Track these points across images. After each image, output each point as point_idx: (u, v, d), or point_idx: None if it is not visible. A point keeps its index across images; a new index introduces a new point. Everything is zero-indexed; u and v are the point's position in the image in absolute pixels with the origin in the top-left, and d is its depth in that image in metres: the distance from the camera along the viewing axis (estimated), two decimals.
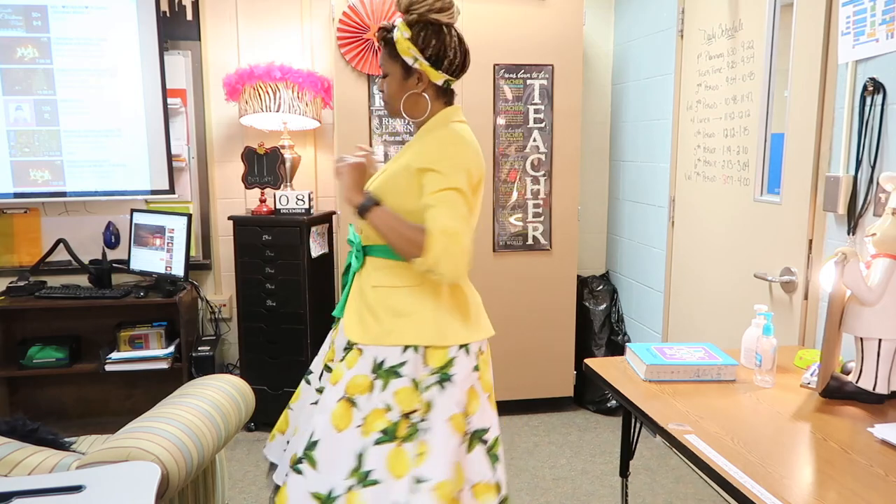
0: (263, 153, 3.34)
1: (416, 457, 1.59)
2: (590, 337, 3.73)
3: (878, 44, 1.92)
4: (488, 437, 1.70)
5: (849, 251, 1.62)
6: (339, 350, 1.73)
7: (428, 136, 1.69)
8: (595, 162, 3.93)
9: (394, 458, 1.58)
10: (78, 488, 1.34)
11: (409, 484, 1.56)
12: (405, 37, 1.64)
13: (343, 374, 1.64)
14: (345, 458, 1.58)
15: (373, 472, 1.57)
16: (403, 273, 1.67)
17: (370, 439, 1.58)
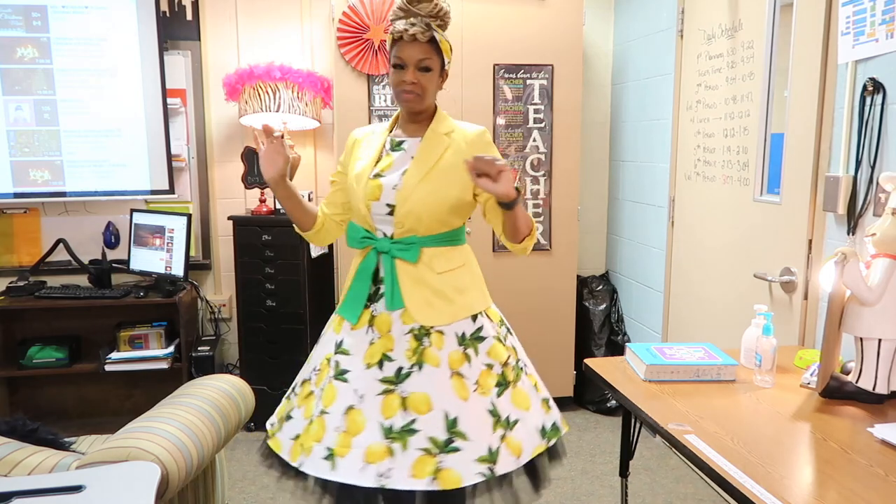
0: None
1: (532, 387, 1.88)
2: (589, 337, 3.73)
3: (878, 44, 1.92)
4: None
5: (848, 251, 1.62)
6: (402, 337, 1.79)
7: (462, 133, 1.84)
8: (595, 162, 3.93)
9: (516, 397, 1.82)
10: (78, 488, 1.34)
11: (541, 407, 1.86)
12: (445, 38, 1.80)
13: (439, 357, 1.78)
14: (484, 419, 1.76)
15: (511, 416, 1.78)
16: (453, 256, 1.85)
17: (492, 395, 1.78)
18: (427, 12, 1.76)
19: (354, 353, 1.80)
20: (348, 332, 1.83)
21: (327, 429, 1.74)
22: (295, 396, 1.94)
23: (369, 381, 1.75)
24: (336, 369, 1.80)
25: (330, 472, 1.71)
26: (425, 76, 1.77)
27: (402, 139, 1.86)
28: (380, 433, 1.70)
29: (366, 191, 1.80)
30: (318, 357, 1.91)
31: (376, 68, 3.26)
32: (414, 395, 1.72)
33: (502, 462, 1.73)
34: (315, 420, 1.77)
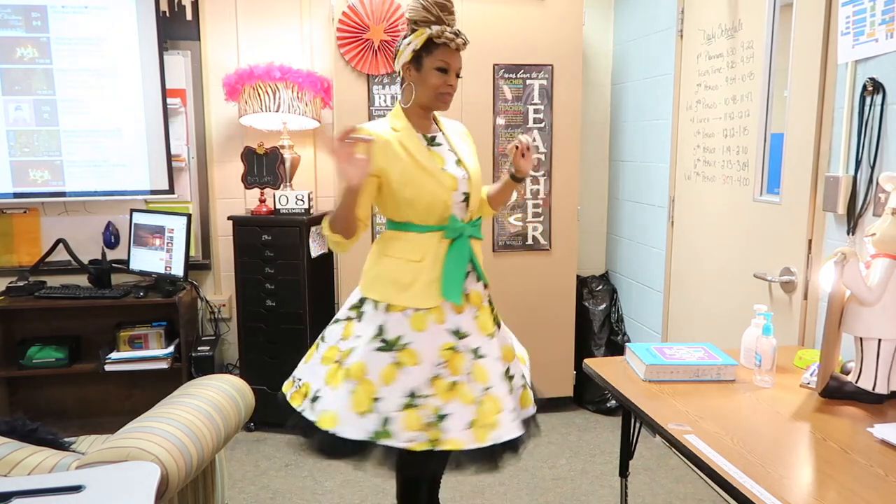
0: (263, 153, 3.33)
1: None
2: (589, 337, 3.73)
3: (878, 44, 1.92)
4: None
5: (848, 251, 1.62)
6: (486, 305, 2.02)
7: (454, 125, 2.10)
8: (595, 162, 3.93)
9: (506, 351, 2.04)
10: (77, 488, 1.34)
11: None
12: None
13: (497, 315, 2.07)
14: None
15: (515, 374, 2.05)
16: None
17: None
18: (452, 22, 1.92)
19: (472, 332, 1.93)
20: (455, 318, 1.91)
21: (502, 399, 1.90)
22: (427, 398, 1.84)
23: (495, 347, 1.96)
24: (474, 352, 1.91)
25: (511, 432, 1.91)
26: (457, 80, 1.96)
27: (433, 135, 2.00)
28: (505, 385, 1.95)
29: (447, 182, 1.91)
30: (433, 352, 1.86)
31: (376, 68, 3.26)
32: (505, 346, 2.01)
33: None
34: (485, 398, 1.87)
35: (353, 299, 1.99)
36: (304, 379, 2.01)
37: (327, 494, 2.84)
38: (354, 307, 1.97)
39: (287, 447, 3.27)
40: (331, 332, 2.01)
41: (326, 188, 3.71)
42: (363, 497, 2.82)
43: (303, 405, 1.97)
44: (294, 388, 2.03)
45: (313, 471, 3.04)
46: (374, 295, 1.92)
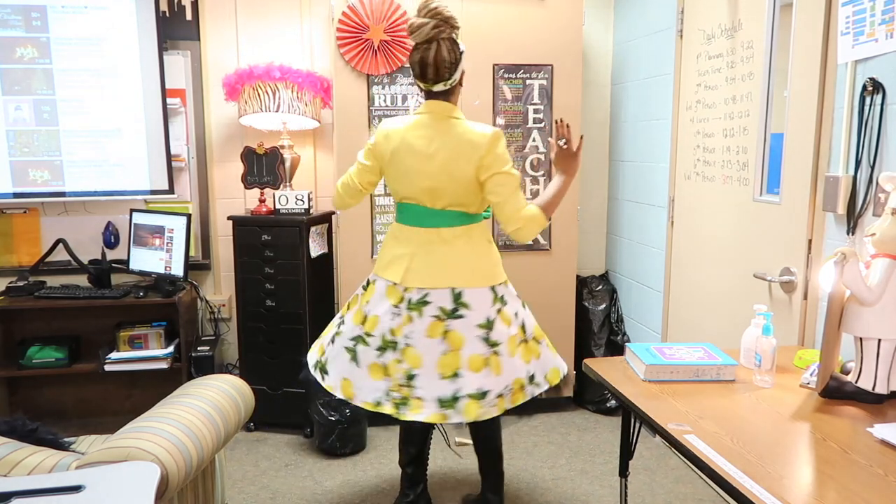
0: (263, 153, 3.33)
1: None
2: (589, 337, 3.73)
3: (878, 44, 1.92)
4: (341, 328, 2.35)
5: (848, 251, 1.62)
6: None
7: None
8: (594, 162, 3.93)
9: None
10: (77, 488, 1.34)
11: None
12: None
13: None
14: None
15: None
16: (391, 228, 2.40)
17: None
18: None
19: None
20: None
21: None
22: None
23: None
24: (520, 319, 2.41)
25: None
26: None
27: None
28: None
29: None
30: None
31: (376, 68, 3.26)
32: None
33: None
34: None
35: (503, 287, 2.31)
36: None
37: (327, 494, 2.84)
38: (511, 293, 2.36)
39: (287, 447, 3.27)
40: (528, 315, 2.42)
41: (326, 188, 3.72)
42: (363, 497, 2.82)
43: None
44: None
45: (313, 471, 3.04)
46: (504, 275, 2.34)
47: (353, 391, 2.22)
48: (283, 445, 3.28)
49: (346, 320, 2.33)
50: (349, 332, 2.29)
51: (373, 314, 2.23)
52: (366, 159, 2.32)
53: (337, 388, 2.25)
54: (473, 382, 2.12)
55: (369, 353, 2.21)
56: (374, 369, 2.20)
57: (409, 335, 2.15)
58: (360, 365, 2.22)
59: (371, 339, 2.21)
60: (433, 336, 2.14)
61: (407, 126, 2.22)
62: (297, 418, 3.35)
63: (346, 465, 3.09)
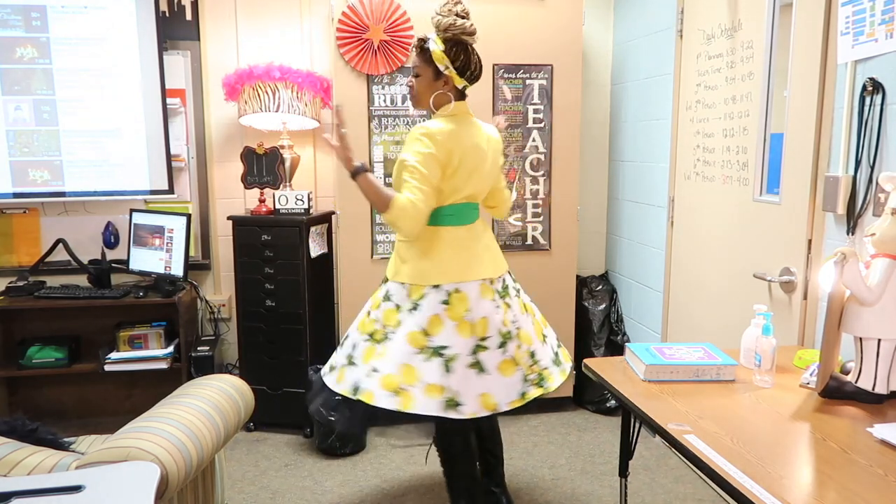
0: (263, 153, 3.33)
1: (378, 354, 2.21)
2: (589, 337, 3.73)
3: (878, 44, 1.92)
4: (447, 353, 2.17)
5: (848, 251, 1.62)
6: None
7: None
8: (594, 162, 3.93)
9: (367, 351, 2.25)
10: (77, 488, 1.34)
11: (367, 370, 2.20)
12: (440, 49, 2.14)
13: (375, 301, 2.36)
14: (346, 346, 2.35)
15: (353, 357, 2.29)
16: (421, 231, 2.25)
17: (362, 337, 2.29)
18: (435, 26, 2.16)
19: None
20: None
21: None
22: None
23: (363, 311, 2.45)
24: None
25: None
26: (416, 81, 2.24)
27: None
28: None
29: None
30: None
31: (375, 68, 3.26)
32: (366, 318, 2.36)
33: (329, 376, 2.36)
34: None
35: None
36: None
37: (327, 494, 2.84)
38: None
39: (287, 447, 3.27)
40: None
41: (326, 188, 3.72)
42: (363, 497, 2.82)
43: None
44: None
45: (313, 471, 3.04)
46: None
47: (495, 401, 2.17)
48: (283, 445, 3.28)
49: (453, 342, 2.16)
50: (464, 348, 2.16)
51: (480, 317, 2.19)
52: (432, 172, 2.12)
53: (480, 410, 2.15)
54: (550, 336, 2.46)
55: (494, 355, 2.20)
56: (504, 367, 2.20)
57: (515, 319, 2.28)
58: (489, 372, 2.18)
59: (489, 341, 2.20)
60: (524, 312, 2.35)
61: (458, 126, 2.21)
62: (296, 418, 3.35)
63: (345, 465, 3.09)
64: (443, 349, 2.15)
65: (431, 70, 2.19)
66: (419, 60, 2.20)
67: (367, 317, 2.32)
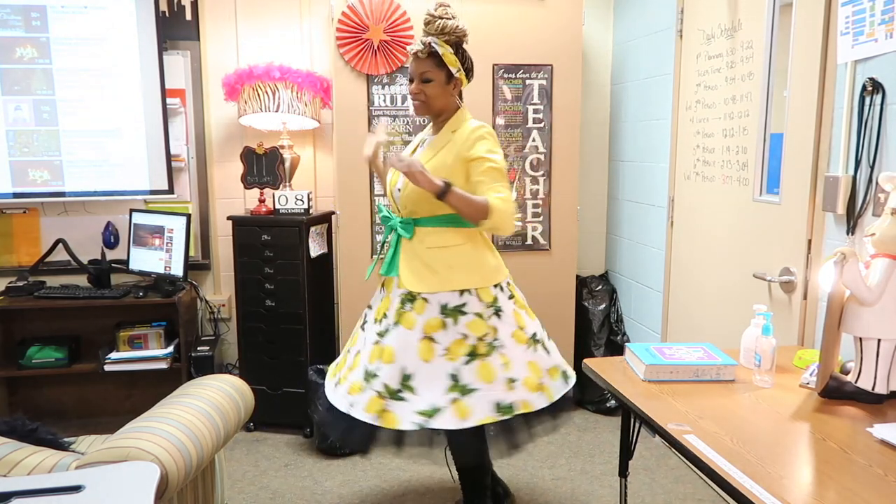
0: (262, 153, 3.33)
1: (502, 366, 2.14)
2: (589, 337, 3.73)
3: (878, 44, 1.92)
4: (539, 336, 2.28)
5: (848, 251, 1.62)
6: (396, 299, 2.19)
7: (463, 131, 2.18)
8: (594, 162, 3.93)
9: (482, 370, 2.11)
10: (77, 488, 1.34)
11: (504, 384, 2.13)
12: (450, 52, 2.15)
13: (416, 321, 2.13)
14: (440, 380, 2.10)
15: (470, 385, 2.10)
16: (450, 236, 2.18)
17: (459, 361, 2.11)
18: (434, 31, 2.15)
19: (374, 308, 2.31)
20: (377, 293, 2.34)
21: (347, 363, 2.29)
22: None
23: (371, 333, 2.23)
24: (362, 320, 2.34)
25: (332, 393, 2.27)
26: (428, 86, 2.17)
27: (428, 136, 2.29)
28: (362, 373, 2.17)
29: (390, 178, 2.27)
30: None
31: (375, 68, 3.26)
32: (387, 348, 2.15)
33: (441, 419, 2.06)
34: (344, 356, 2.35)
35: None
36: None
37: (327, 494, 2.84)
38: None
39: (287, 447, 3.27)
40: None
41: (326, 188, 3.71)
42: (363, 497, 2.82)
43: None
44: None
45: (313, 471, 3.04)
46: None
47: (552, 392, 2.28)
48: (283, 445, 3.28)
49: (533, 326, 2.29)
50: (538, 328, 2.32)
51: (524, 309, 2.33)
52: (505, 168, 2.19)
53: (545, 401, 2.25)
54: None
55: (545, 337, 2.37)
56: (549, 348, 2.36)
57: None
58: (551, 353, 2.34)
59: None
60: None
61: None
62: (296, 418, 3.35)
63: (345, 465, 3.09)
64: (535, 336, 2.29)
65: (444, 74, 2.17)
66: (430, 65, 2.15)
67: (433, 343, 2.12)
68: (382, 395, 2.11)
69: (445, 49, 2.14)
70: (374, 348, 2.18)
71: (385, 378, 2.12)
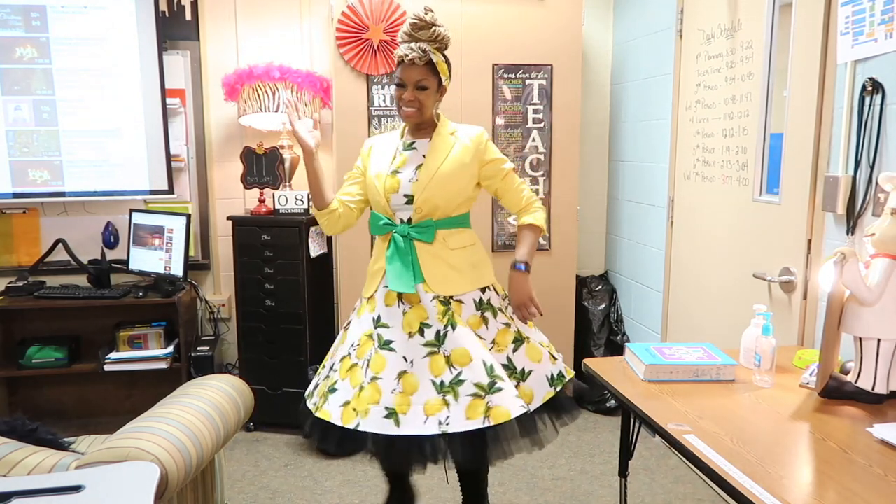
0: (262, 153, 3.33)
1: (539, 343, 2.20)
2: (589, 337, 3.73)
3: (877, 44, 1.92)
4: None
5: (848, 251, 1.62)
6: (430, 305, 2.08)
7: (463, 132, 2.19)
8: (594, 162, 3.93)
9: (531, 352, 2.17)
10: (77, 488, 1.34)
11: (549, 360, 2.20)
12: (443, 60, 2.13)
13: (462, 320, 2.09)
14: (500, 369, 2.06)
15: (525, 368, 2.14)
16: (464, 236, 2.19)
17: (508, 350, 2.13)
18: (427, 38, 2.10)
19: (393, 326, 2.09)
20: (383, 309, 2.13)
21: (383, 392, 1.99)
22: (334, 372, 2.15)
23: (414, 348, 2.05)
24: (380, 341, 2.08)
25: (395, 427, 1.96)
26: (423, 94, 2.10)
27: (413, 141, 2.20)
28: (433, 389, 2.00)
29: (385, 185, 2.13)
30: (355, 335, 2.16)
31: (375, 68, 3.26)
32: (455, 351, 2.03)
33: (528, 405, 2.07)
34: (367, 386, 2.02)
35: None
36: None
37: (327, 494, 2.84)
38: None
39: (286, 447, 3.27)
40: None
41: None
42: (363, 497, 2.82)
43: None
44: None
45: (313, 471, 3.04)
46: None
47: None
48: (283, 445, 3.28)
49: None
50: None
51: None
52: None
53: None
54: None
55: None
56: None
57: None
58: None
59: None
60: None
61: None
62: (296, 418, 3.33)
63: (345, 465, 3.09)
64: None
65: (436, 81, 2.12)
66: (426, 72, 2.10)
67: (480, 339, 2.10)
68: (480, 395, 1.98)
69: (439, 57, 2.11)
70: (434, 359, 2.03)
71: (473, 378, 2.00)
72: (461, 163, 2.13)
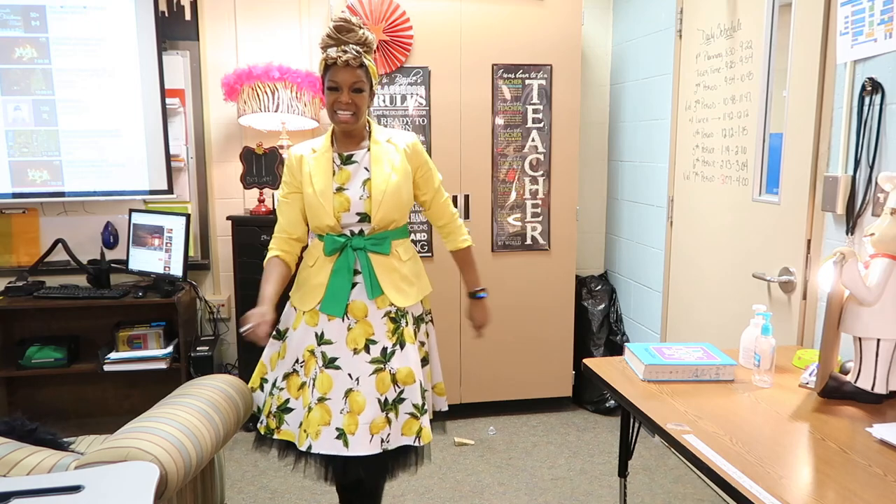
0: (262, 153, 3.33)
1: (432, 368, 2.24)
2: (588, 337, 3.73)
3: (877, 44, 1.92)
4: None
5: (847, 251, 1.62)
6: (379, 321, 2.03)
7: (397, 137, 2.12)
8: (593, 162, 3.94)
9: (429, 373, 2.20)
10: (76, 488, 1.34)
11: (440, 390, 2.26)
12: (373, 64, 2.07)
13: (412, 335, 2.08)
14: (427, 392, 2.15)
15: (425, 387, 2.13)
16: (409, 246, 2.15)
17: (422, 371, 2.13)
18: (354, 40, 2.03)
19: (337, 342, 2.01)
20: (326, 324, 2.03)
21: (333, 412, 1.97)
22: (280, 391, 2.09)
23: (360, 364, 1.99)
24: (325, 359, 2.01)
25: (344, 448, 1.95)
26: (359, 97, 2.01)
27: (350, 153, 2.07)
28: (378, 407, 1.98)
29: (334, 204, 2.02)
30: (297, 349, 2.07)
31: None
32: (401, 371, 2.01)
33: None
34: (315, 407, 1.99)
35: None
36: None
37: (326, 494, 2.84)
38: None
39: None
40: None
41: None
42: None
43: None
44: None
45: None
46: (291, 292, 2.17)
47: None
48: None
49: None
50: None
51: None
52: None
53: None
54: None
55: None
56: None
57: None
58: None
59: None
60: None
61: None
62: None
63: None
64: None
65: (368, 84, 2.05)
66: (363, 75, 2.02)
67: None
68: (415, 416, 2.03)
69: (370, 60, 2.05)
70: (380, 377, 1.99)
71: (412, 398, 2.03)
72: (405, 171, 2.06)
